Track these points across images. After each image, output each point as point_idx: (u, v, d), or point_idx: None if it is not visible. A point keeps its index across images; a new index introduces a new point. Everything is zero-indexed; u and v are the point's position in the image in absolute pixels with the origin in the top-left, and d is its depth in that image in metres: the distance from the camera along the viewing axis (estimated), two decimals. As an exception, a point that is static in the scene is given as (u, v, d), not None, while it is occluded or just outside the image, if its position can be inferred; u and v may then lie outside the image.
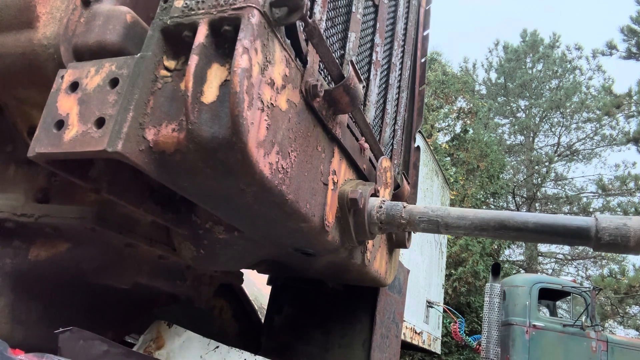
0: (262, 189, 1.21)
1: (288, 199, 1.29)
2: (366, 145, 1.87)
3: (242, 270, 2.61)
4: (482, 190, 18.97)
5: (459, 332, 10.52)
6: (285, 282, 2.84)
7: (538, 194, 23.88)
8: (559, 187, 25.03)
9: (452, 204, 14.54)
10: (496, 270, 9.34)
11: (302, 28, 1.33)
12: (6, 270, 1.60)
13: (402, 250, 2.80)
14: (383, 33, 2.19)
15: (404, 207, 1.58)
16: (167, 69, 1.20)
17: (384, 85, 2.31)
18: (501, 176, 20.44)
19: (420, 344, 9.36)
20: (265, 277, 2.91)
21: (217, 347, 2.04)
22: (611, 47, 18.67)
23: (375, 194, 1.70)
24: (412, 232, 2.29)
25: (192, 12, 1.16)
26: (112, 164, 1.35)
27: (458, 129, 20.29)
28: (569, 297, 9.84)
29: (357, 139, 1.79)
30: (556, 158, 24.51)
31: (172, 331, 2.12)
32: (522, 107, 26.13)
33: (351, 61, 1.51)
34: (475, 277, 15.72)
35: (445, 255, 12.24)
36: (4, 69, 1.40)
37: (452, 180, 16.39)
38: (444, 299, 12.22)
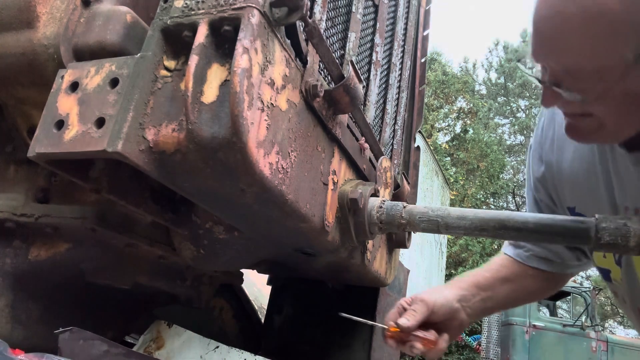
0: (262, 189, 1.21)
1: (288, 199, 1.29)
2: (366, 145, 1.87)
3: (242, 270, 2.60)
4: (482, 190, 18.97)
5: (459, 332, 10.51)
6: (285, 282, 2.83)
7: (538, 194, 23.83)
8: (559, 187, 24.98)
9: (452, 204, 14.53)
10: (496, 270, 9.31)
11: (302, 28, 1.32)
12: (6, 270, 1.60)
13: (402, 250, 2.79)
14: (383, 33, 2.19)
15: (404, 207, 1.58)
16: (167, 69, 1.20)
17: (384, 85, 2.31)
18: (501, 176, 20.43)
19: (420, 344, 9.33)
20: (265, 277, 2.91)
21: (217, 347, 2.04)
22: (611, 47, 18.63)
23: (375, 194, 1.70)
24: (412, 232, 2.29)
25: (192, 12, 1.16)
26: (112, 164, 1.35)
27: (458, 129, 20.29)
28: (569, 297, 9.85)
29: (357, 139, 1.79)
30: (556, 158, 24.47)
31: (172, 331, 2.12)
32: (522, 107, 26.12)
33: (351, 61, 1.50)
34: (475, 277, 15.69)
35: (445, 255, 12.24)
36: (4, 68, 1.40)
37: (452, 180, 16.38)
38: (444, 299, 12.18)
